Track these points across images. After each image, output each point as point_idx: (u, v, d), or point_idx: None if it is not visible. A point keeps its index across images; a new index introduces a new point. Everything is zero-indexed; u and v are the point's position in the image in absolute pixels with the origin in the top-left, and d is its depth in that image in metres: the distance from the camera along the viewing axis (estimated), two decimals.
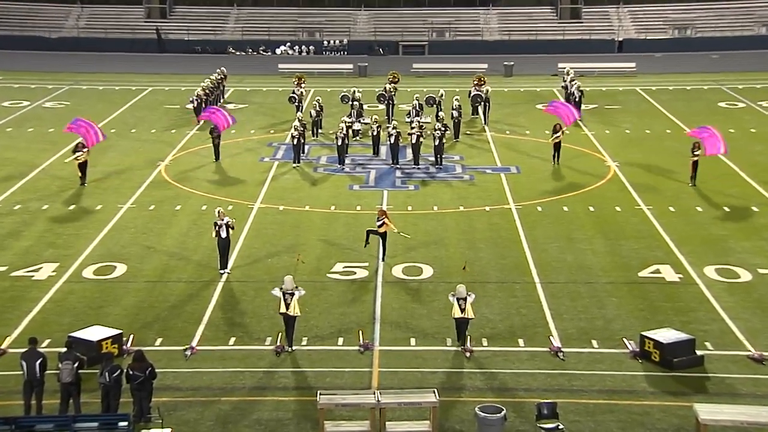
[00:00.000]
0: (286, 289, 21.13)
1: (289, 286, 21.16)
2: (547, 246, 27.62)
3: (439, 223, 29.86)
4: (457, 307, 21.16)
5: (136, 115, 46.46)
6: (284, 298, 21.08)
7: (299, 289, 21.26)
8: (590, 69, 57.94)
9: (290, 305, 21.08)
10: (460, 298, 21.19)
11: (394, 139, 35.65)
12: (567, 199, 32.24)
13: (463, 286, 21.49)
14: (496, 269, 25.84)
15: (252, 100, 50.29)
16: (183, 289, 24.55)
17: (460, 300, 21.18)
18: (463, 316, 21.11)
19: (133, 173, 35.56)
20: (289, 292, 21.13)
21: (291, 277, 21.47)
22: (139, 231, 29.06)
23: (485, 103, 43.75)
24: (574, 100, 44.05)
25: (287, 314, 21.11)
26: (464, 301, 21.14)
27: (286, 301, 21.08)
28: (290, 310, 21.10)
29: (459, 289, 21.28)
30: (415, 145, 35.69)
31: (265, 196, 32.71)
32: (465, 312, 21.11)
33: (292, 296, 21.11)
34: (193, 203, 31.82)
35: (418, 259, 26.56)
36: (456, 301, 21.18)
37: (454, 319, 21.27)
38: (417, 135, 35.60)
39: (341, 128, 36.20)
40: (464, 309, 21.10)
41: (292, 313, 21.12)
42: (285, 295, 21.11)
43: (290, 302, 21.08)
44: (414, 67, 59.11)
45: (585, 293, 24.22)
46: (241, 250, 27.31)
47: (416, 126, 36.09)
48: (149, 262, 26.44)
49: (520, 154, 38.50)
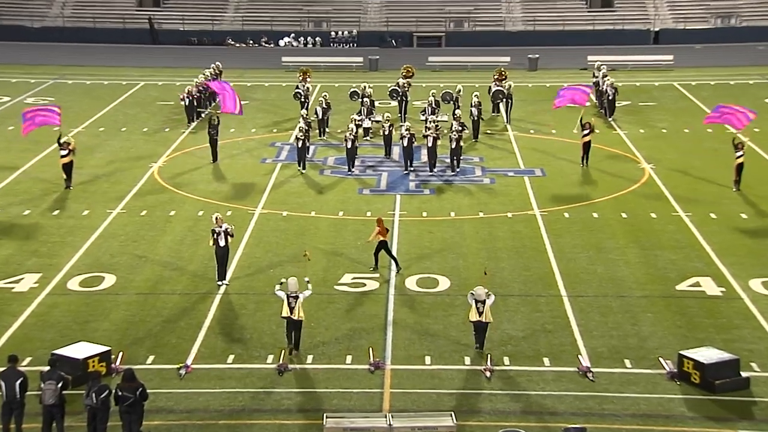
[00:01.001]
0: (291, 292, 21.45)
1: (293, 289, 21.50)
2: (575, 256, 27.59)
3: (456, 230, 29.86)
4: (474, 309, 21.51)
5: (126, 112, 46.66)
6: (288, 301, 21.43)
7: (305, 292, 21.62)
8: (623, 62, 57.88)
9: (294, 309, 21.40)
10: (478, 301, 21.52)
11: (407, 142, 35.23)
12: (597, 205, 32.20)
13: (482, 288, 21.79)
14: (519, 281, 25.82)
15: (253, 96, 50.44)
16: (177, 302, 24.62)
17: (479, 303, 21.51)
18: (480, 320, 21.49)
19: (123, 176, 35.71)
20: (293, 295, 21.46)
21: (296, 279, 21.78)
22: (130, 239, 29.16)
23: (507, 100, 43.79)
24: (607, 98, 43.90)
25: (291, 318, 21.44)
26: (483, 304, 21.48)
27: (290, 305, 21.43)
28: (294, 314, 21.44)
29: (477, 291, 21.59)
30: (431, 149, 35.34)
31: (266, 200, 32.80)
32: (483, 315, 21.46)
33: (297, 299, 21.45)
34: (188, 209, 31.92)
35: (434, 270, 26.57)
36: (474, 303, 21.53)
37: (471, 322, 21.65)
38: (433, 137, 35.24)
39: (351, 129, 35.98)
40: (482, 312, 21.45)
41: (296, 317, 21.46)
42: (289, 298, 21.46)
43: (294, 305, 21.41)
44: (429, 60, 59.21)
45: (617, 308, 24.17)
46: (241, 259, 27.38)
47: (432, 126, 35.72)
48: (140, 272, 26.53)
49: (545, 155, 38.49)
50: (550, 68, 58.07)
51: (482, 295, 21.57)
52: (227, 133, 41.12)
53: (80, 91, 51.79)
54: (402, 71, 47.58)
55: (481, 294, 21.58)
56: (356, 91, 44.37)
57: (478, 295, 21.57)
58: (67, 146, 34.16)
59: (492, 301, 21.71)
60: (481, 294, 21.57)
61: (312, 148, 38.40)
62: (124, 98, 49.73)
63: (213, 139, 37.40)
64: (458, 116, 37.62)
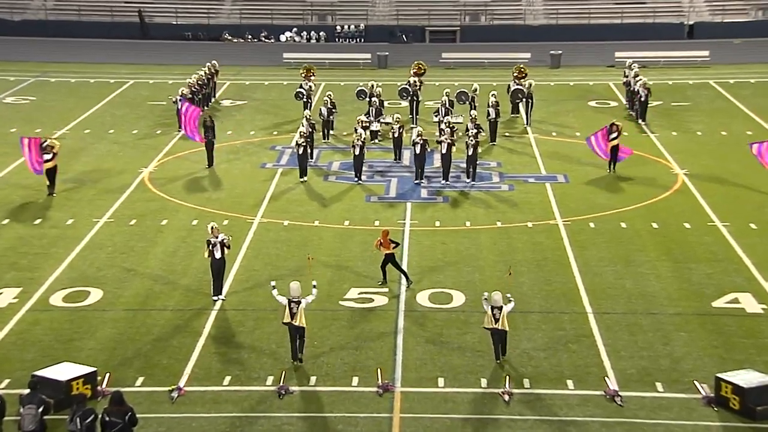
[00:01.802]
0: (293, 297, 21.79)
1: (295, 294, 21.83)
2: (602, 269, 27.57)
3: (472, 241, 29.87)
4: (490, 315, 21.82)
5: (114, 113, 46.82)
6: (289, 307, 21.76)
7: (307, 297, 22.00)
8: (654, 59, 57.90)
9: (296, 315, 21.73)
10: (495, 307, 21.78)
11: (419, 149, 34.89)
12: (625, 214, 32.18)
13: (499, 294, 22.00)
14: (540, 297, 25.81)
15: (252, 95, 50.57)
16: (169, 318, 24.66)
17: (495, 309, 21.77)
18: (496, 327, 21.80)
19: (111, 182, 35.82)
20: (295, 300, 21.78)
21: (298, 284, 22.06)
22: (118, 250, 29.23)
23: (527, 100, 43.83)
24: (639, 100, 43.58)
25: (292, 324, 21.76)
26: (499, 310, 21.75)
27: (291, 310, 21.76)
28: (296, 320, 21.76)
29: (494, 297, 21.87)
30: (445, 156, 34.86)
31: (266, 209, 32.86)
32: (500, 323, 21.74)
33: (299, 305, 21.78)
34: (181, 217, 32.00)
35: (448, 284, 26.58)
36: (490, 309, 21.80)
37: (486, 329, 22.00)
38: (448, 144, 34.71)
39: (359, 134, 35.67)
40: (499, 319, 21.73)
41: (297, 323, 21.77)
42: (291, 303, 21.79)
43: (296, 311, 21.74)
44: (443, 56, 59.32)
45: (647, 326, 24.13)
46: (239, 272, 27.42)
47: (447, 131, 35.33)
48: (129, 287, 26.59)
49: (568, 160, 38.50)
50: (574, 65, 58.09)
51: (499, 301, 21.85)
52: (224, 135, 41.22)
53: (64, 90, 52.00)
54: (413, 68, 47.66)
55: (498, 300, 21.86)
56: (363, 90, 44.45)
57: (494, 301, 21.86)
58: (50, 150, 34.28)
59: (510, 308, 22.03)
60: (497, 300, 21.85)
61: (316, 152, 38.47)
62: (111, 98, 49.91)
63: (208, 142, 37.49)
64: (474, 118, 37.53)
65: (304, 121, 38.03)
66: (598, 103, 48.06)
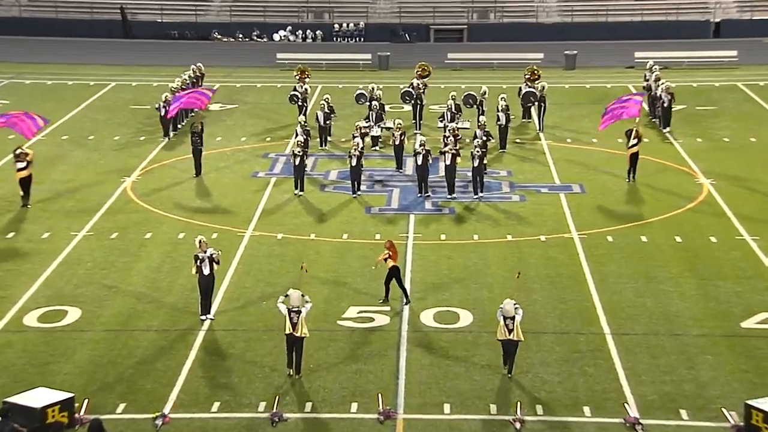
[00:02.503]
0: (293, 306, 22.16)
1: (295, 303, 22.16)
2: (621, 287, 27.57)
3: (480, 256, 29.87)
4: (503, 326, 22.26)
5: (94, 117, 46.87)
6: (290, 317, 22.14)
7: (306, 305, 22.34)
8: (677, 59, 57.98)
9: (297, 325, 22.11)
10: (507, 317, 22.23)
11: (422, 160, 34.64)
12: (646, 227, 32.18)
13: (510, 302, 22.34)
14: (554, 316, 25.80)
15: (243, 99, 50.64)
16: (153, 340, 24.65)
17: (508, 319, 22.22)
18: (509, 338, 22.22)
19: (91, 192, 35.85)
20: (295, 310, 22.14)
21: (299, 293, 22.35)
22: (98, 266, 29.24)
23: (540, 104, 43.87)
24: (662, 106, 43.22)
25: (293, 335, 22.17)
26: (512, 320, 22.19)
27: (291, 320, 22.13)
28: (297, 330, 22.14)
29: (506, 306, 22.30)
30: (449, 168, 34.68)
31: (258, 221, 32.87)
32: (513, 333, 22.19)
33: (299, 314, 22.13)
34: (167, 230, 32.01)
35: (454, 303, 26.57)
36: (503, 319, 22.28)
37: (499, 340, 22.44)
38: (453, 154, 34.60)
39: (356, 143, 35.45)
40: (512, 330, 22.20)
41: (298, 333, 22.15)
42: (291, 313, 22.16)
43: (297, 321, 22.12)
44: (449, 57, 59.41)
45: (670, 348, 24.11)
46: (228, 290, 27.42)
47: (451, 141, 35.18)
48: (110, 305, 26.59)
49: (584, 168, 38.52)
50: (590, 66, 58.17)
51: (510, 311, 22.22)
52: (213, 142, 41.28)
53: (40, 92, 52.06)
54: (417, 70, 47.71)
55: (510, 310, 22.23)
56: (363, 93, 44.51)
57: (506, 311, 22.25)
58: (24, 157, 34.30)
59: (521, 317, 22.40)
60: (510, 310, 22.23)
61: (311, 160, 38.48)
62: (91, 101, 49.97)
63: (196, 150, 37.53)
64: (483, 124, 37.57)
65: (298, 128, 38.00)
66: None
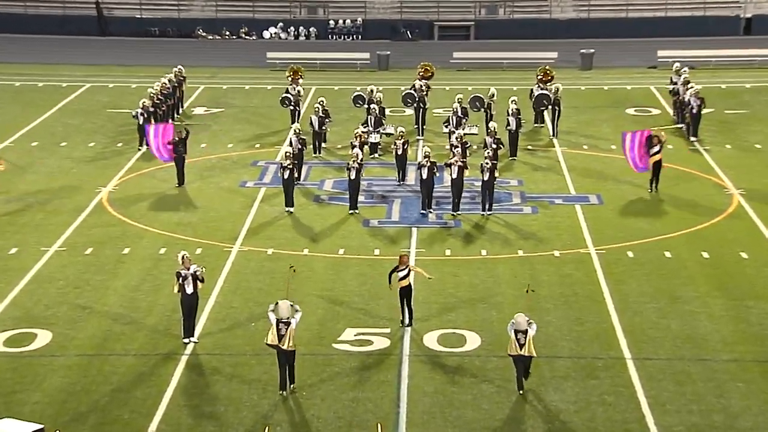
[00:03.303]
0: (281, 317, 22.43)
1: (284, 314, 22.43)
2: (642, 307, 27.56)
3: (488, 273, 29.88)
4: (514, 340, 22.62)
5: (67, 122, 46.88)
6: (277, 327, 22.44)
7: (297, 314, 22.73)
8: (704, 58, 57.93)
9: (284, 337, 22.39)
10: (518, 331, 22.58)
11: (426, 173, 34.21)
12: (670, 241, 32.18)
13: (522, 316, 22.66)
14: (569, 339, 25.79)
15: (230, 102, 50.65)
16: (131, 365, 24.63)
17: (519, 333, 22.57)
18: (521, 354, 22.61)
19: (63, 203, 35.86)
20: (284, 321, 22.41)
21: (288, 303, 22.60)
22: (71, 284, 29.23)
23: (554, 107, 43.90)
24: (690, 112, 42.79)
25: (280, 348, 22.44)
26: (524, 334, 22.53)
27: (279, 332, 22.41)
28: (284, 342, 22.41)
29: (518, 320, 22.65)
30: (456, 182, 34.25)
31: (247, 235, 32.88)
32: (525, 348, 22.56)
33: (288, 325, 22.41)
34: (146, 245, 32.02)
35: (460, 324, 26.57)
36: (513, 334, 22.64)
37: (510, 356, 22.82)
38: (459, 166, 34.13)
39: (355, 154, 35.04)
40: (524, 345, 22.57)
41: (286, 346, 22.44)
42: (279, 324, 22.43)
43: (285, 333, 22.39)
44: (455, 56, 59.43)
45: (697, 375, 24.10)
46: (214, 310, 27.42)
47: (458, 152, 34.85)
48: (84, 328, 26.57)
49: (602, 177, 38.54)
50: (608, 66, 58.19)
51: (523, 324, 22.47)
52: (197, 149, 41.28)
53: (7, 95, 52.05)
54: (419, 71, 47.72)
55: (522, 323, 22.49)
56: (361, 95, 44.52)
57: (518, 324, 22.55)
58: None
59: (534, 331, 22.77)
60: (522, 323, 22.50)
61: (305, 168, 38.47)
62: (64, 104, 49.99)
63: (179, 157, 37.54)
64: (493, 130, 37.36)
65: (291, 136, 37.85)
66: (638, 111, 48.14)
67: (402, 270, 26.15)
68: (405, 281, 26.14)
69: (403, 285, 26.16)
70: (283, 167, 34.54)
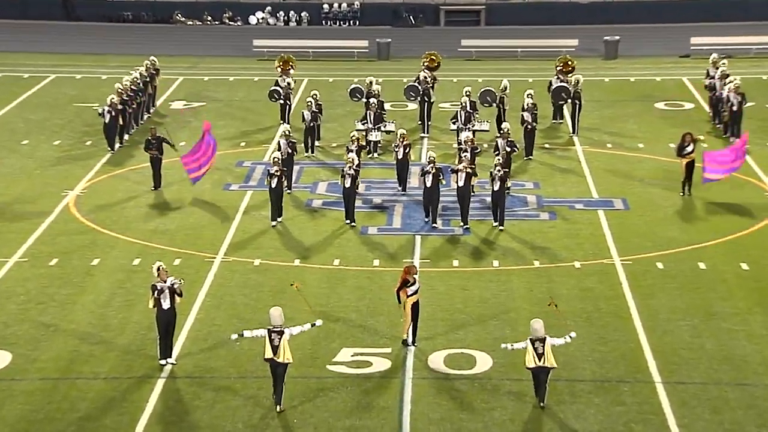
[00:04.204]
0: (273, 326, 22.83)
1: (276, 322, 22.88)
2: (674, 325, 27.55)
3: (501, 286, 29.88)
4: (532, 351, 22.84)
5: (29, 117, 46.90)
6: (270, 338, 22.81)
7: (292, 329, 23.16)
8: (744, 46, 57.87)
9: (279, 348, 22.75)
10: (536, 340, 22.83)
11: (431, 181, 33.80)
12: (705, 251, 32.18)
13: (540, 322, 22.91)
14: (591, 360, 25.77)
15: (212, 95, 50.67)
16: (101, 390, 24.60)
17: (537, 343, 22.82)
18: (540, 365, 22.83)
19: (24, 208, 35.86)
20: (276, 330, 22.78)
21: (280, 310, 23.07)
22: (33, 299, 29.22)
23: (574, 101, 43.91)
24: (729, 109, 42.50)
25: (275, 360, 22.80)
26: (542, 343, 22.72)
27: (273, 343, 22.79)
28: (279, 355, 22.76)
29: (535, 326, 22.94)
30: (463, 191, 33.81)
31: (231, 243, 32.88)
32: (543, 359, 22.76)
33: (281, 335, 22.80)
34: (119, 255, 32.02)
35: (470, 343, 26.56)
36: (531, 344, 22.88)
37: (529, 369, 23.04)
38: (467, 173, 33.61)
39: (351, 160, 34.30)
40: (542, 355, 22.76)
41: (281, 359, 22.77)
42: (271, 334, 22.82)
43: (278, 344, 22.76)
44: (463, 44, 59.50)
45: (735, 401, 24.07)
46: (194, 328, 27.40)
47: (467, 155, 34.56)
48: (48, 348, 26.54)
49: (628, 179, 38.56)
50: (635, 55, 58.24)
51: (540, 331, 22.81)
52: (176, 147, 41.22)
53: None
54: (424, 61, 47.77)
55: (539, 329, 22.81)
56: (359, 88, 44.52)
57: (535, 331, 22.85)
58: None
59: (557, 342, 23.11)
60: (538, 329, 22.82)
61: (296, 169, 38.37)
62: (25, 98, 50.02)
63: (155, 158, 37.52)
64: (506, 132, 36.53)
65: (280, 139, 37.36)
66: (668, 105, 48.16)
67: (412, 285, 26.03)
68: (415, 297, 26.11)
69: (414, 301, 26.13)
70: (270, 175, 34.09)
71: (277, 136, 41.05)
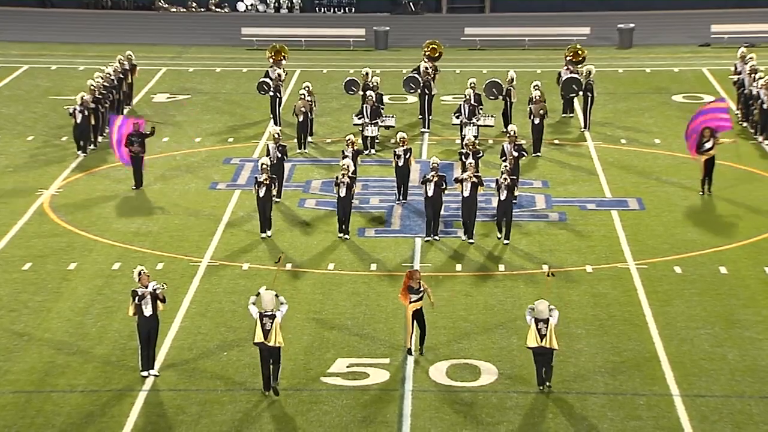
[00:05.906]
0: (265, 310, 23.24)
1: (268, 306, 23.28)
2: (693, 333, 27.58)
3: (506, 292, 29.91)
4: (534, 331, 23.34)
5: (0, 111, 46.87)
6: (261, 322, 23.24)
7: (282, 307, 23.54)
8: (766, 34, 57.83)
9: (270, 332, 23.24)
10: (539, 320, 23.26)
11: (433, 190, 32.98)
12: (726, 254, 32.21)
13: (544, 303, 23.28)
14: (604, 371, 25.79)
15: (198, 87, 50.69)
16: (78, 404, 24.60)
17: (540, 322, 23.28)
18: (542, 345, 23.33)
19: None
20: (268, 314, 23.24)
21: (272, 294, 23.37)
22: (4, 307, 29.21)
23: (586, 94, 43.94)
24: (760, 107, 41.90)
25: (265, 344, 23.26)
26: (545, 324, 23.21)
27: (264, 327, 23.26)
28: (270, 338, 23.25)
29: (539, 307, 23.44)
30: (468, 200, 32.93)
31: (218, 246, 32.90)
32: (546, 339, 23.28)
33: (273, 319, 23.27)
34: (97, 259, 32.04)
35: (473, 353, 26.58)
36: (533, 323, 23.36)
37: (530, 348, 23.55)
38: (473, 183, 32.76)
39: (346, 167, 33.35)
40: (545, 335, 23.28)
41: (272, 343, 23.28)
42: (263, 318, 23.22)
43: (270, 328, 23.24)
44: (467, 33, 59.52)
45: (760, 416, 24.09)
46: (179, 337, 27.42)
47: (472, 162, 33.63)
48: (21, 359, 26.55)
49: (644, 177, 38.60)
50: (651, 44, 58.29)
51: (544, 312, 23.20)
52: (159, 143, 41.28)
53: None
54: (425, 50, 47.79)
55: (544, 311, 23.22)
56: (355, 80, 44.52)
57: (539, 312, 23.26)
58: None
59: (556, 319, 23.56)
60: (543, 311, 23.22)
61: (288, 166, 38.25)
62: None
63: (135, 157, 37.46)
64: (513, 135, 35.81)
65: (268, 142, 36.76)
66: (687, 98, 48.18)
67: (417, 291, 26.09)
68: (419, 303, 26.18)
69: (417, 308, 26.20)
70: (258, 183, 33.24)
71: (266, 133, 40.99)
